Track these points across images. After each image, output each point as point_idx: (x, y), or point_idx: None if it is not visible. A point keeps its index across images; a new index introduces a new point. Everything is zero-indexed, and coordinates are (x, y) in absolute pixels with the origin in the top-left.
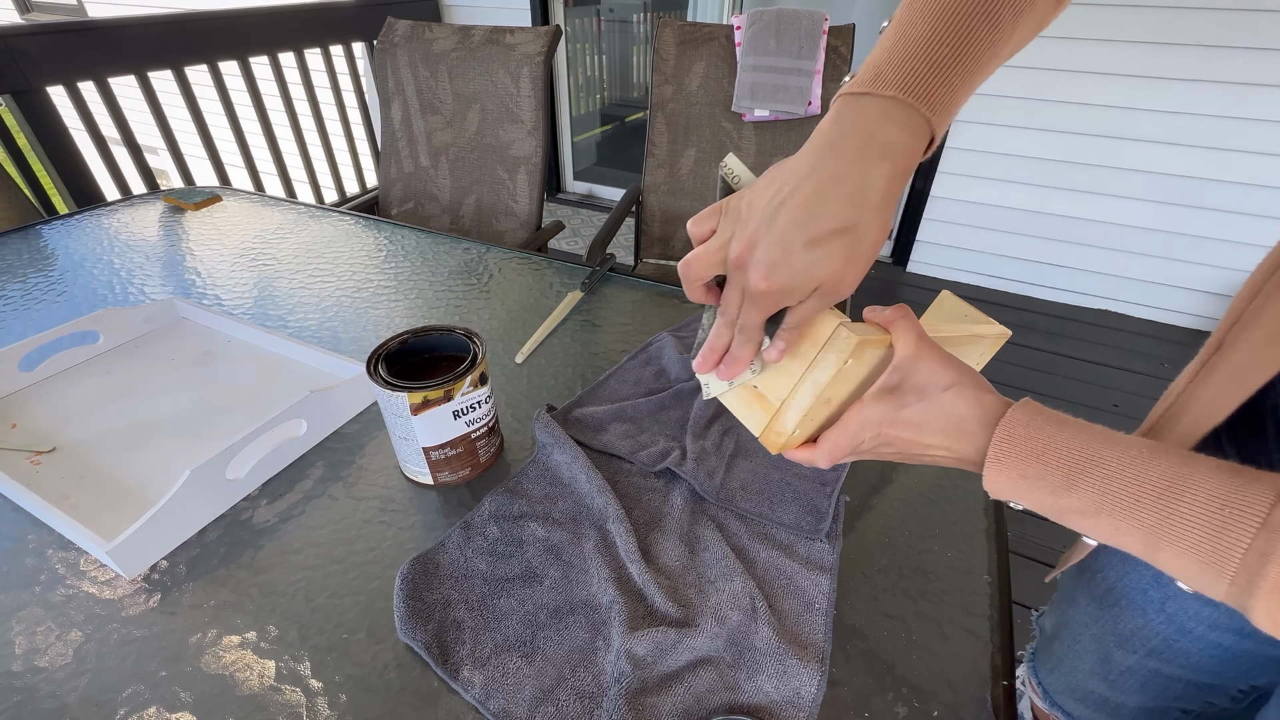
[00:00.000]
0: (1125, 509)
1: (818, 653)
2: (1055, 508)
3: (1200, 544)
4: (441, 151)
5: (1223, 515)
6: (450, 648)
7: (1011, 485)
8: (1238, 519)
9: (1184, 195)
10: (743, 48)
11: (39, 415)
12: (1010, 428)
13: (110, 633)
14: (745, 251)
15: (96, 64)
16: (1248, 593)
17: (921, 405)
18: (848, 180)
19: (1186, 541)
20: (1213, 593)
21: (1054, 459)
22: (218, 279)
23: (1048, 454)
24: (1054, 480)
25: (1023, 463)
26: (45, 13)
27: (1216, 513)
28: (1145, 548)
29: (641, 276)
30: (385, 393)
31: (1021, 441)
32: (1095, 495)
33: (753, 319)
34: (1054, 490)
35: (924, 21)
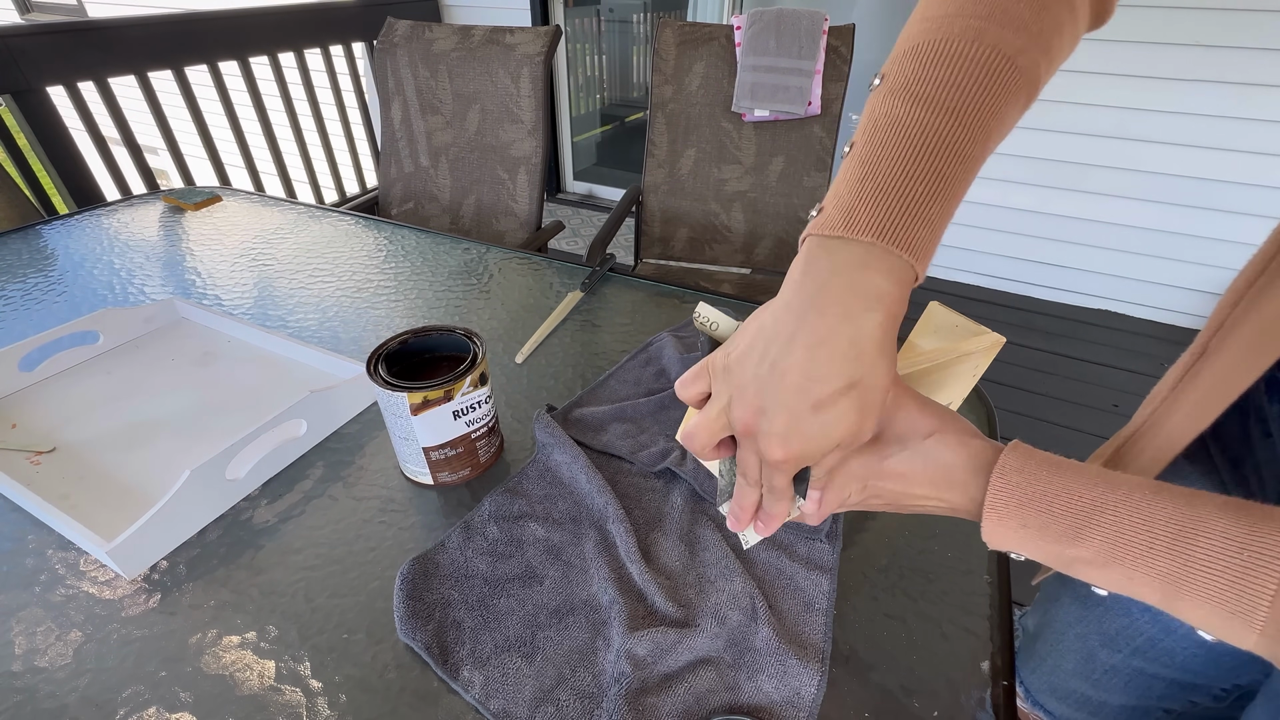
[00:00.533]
0: (1139, 558)
1: (817, 653)
2: (1062, 558)
3: (1223, 593)
4: (441, 151)
5: (1242, 560)
6: (450, 648)
7: (1013, 536)
8: (1259, 564)
9: (1184, 195)
10: (743, 48)
11: (39, 415)
12: (1005, 475)
13: (110, 633)
14: (752, 420)
15: (96, 64)
16: (1278, 641)
17: (904, 454)
18: (839, 338)
19: (1208, 591)
20: (1241, 643)
21: (1057, 507)
22: (218, 279)
23: (1048, 502)
24: (1059, 529)
25: (1023, 511)
26: (45, 13)
27: (1235, 557)
28: (1163, 598)
29: (641, 276)
30: (385, 393)
31: (1018, 489)
32: (1105, 545)
33: (779, 482)
34: (1059, 540)
35: (894, 155)
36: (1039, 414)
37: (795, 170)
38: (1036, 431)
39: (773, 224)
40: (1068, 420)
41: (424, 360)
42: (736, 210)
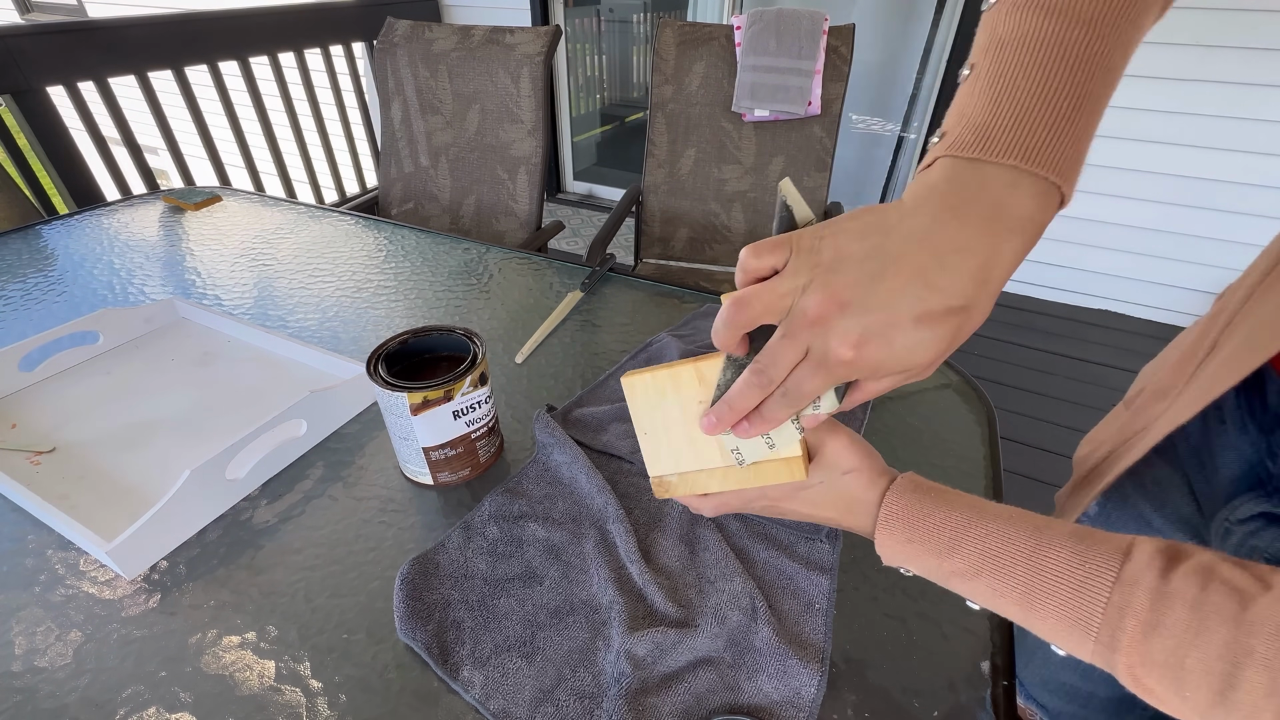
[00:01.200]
0: (999, 570)
1: (817, 653)
2: (940, 570)
3: (1067, 603)
4: (441, 151)
5: (1083, 572)
6: (450, 648)
7: (900, 550)
8: (1094, 578)
9: (1184, 195)
10: (743, 48)
11: (39, 415)
12: (895, 498)
13: (110, 633)
14: (831, 309)
15: (96, 64)
16: (1110, 649)
17: (822, 488)
18: (976, 252)
19: (1055, 601)
20: (1081, 653)
21: (934, 525)
22: (218, 279)
23: (928, 521)
24: (936, 544)
25: (908, 529)
26: (45, 13)
27: (1077, 569)
28: (1022, 610)
29: (641, 276)
30: (385, 393)
31: (904, 509)
32: (975, 557)
33: (813, 385)
34: (938, 554)
35: (1029, 72)
36: (1039, 414)
37: (795, 170)
38: (1037, 431)
39: (773, 224)
40: (1068, 420)
41: (424, 360)
42: (736, 210)
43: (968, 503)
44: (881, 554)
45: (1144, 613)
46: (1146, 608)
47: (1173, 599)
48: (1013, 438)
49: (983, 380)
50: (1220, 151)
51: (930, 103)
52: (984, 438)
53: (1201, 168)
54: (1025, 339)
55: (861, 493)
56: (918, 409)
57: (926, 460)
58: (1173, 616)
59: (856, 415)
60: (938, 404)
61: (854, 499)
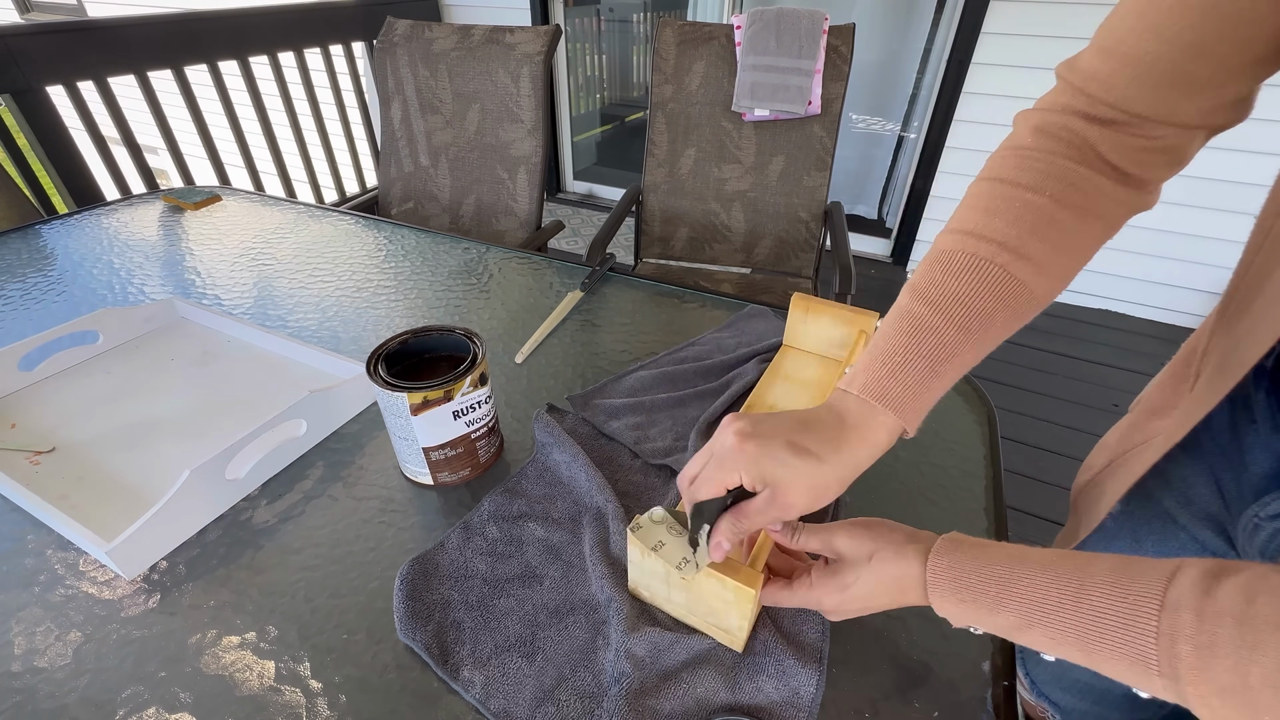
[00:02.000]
0: (1047, 617)
1: (815, 653)
2: (996, 626)
3: (1121, 639)
4: (441, 151)
5: (1128, 605)
6: (450, 648)
7: (956, 611)
8: (1141, 607)
9: (1185, 195)
10: (743, 47)
11: (38, 415)
12: (936, 564)
13: (110, 633)
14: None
15: (96, 64)
16: (1175, 680)
17: (860, 583)
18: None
19: (1111, 641)
20: (1156, 691)
21: (977, 586)
22: (217, 279)
23: (970, 582)
24: (985, 603)
25: (956, 592)
26: (45, 12)
27: (1121, 603)
28: (1083, 655)
29: (641, 276)
30: (385, 393)
31: (947, 572)
32: (1024, 609)
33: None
34: (989, 611)
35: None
36: (1039, 414)
37: (795, 170)
38: (1037, 431)
39: (773, 223)
40: (1068, 420)
41: (424, 360)
42: (736, 210)
43: (1008, 554)
44: (947, 617)
45: (1193, 635)
46: (1195, 629)
47: (1221, 616)
48: (1013, 438)
49: (983, 380)
50: (1221, 151)
51: (930, 102)
52: (984, 438)
53: (1202, 167)
54: (1025, 339)
55: (895, 569)
56: None
57: (926, 460)
58: (1224, 633)
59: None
60: (938, 404)
61: (896, 578)
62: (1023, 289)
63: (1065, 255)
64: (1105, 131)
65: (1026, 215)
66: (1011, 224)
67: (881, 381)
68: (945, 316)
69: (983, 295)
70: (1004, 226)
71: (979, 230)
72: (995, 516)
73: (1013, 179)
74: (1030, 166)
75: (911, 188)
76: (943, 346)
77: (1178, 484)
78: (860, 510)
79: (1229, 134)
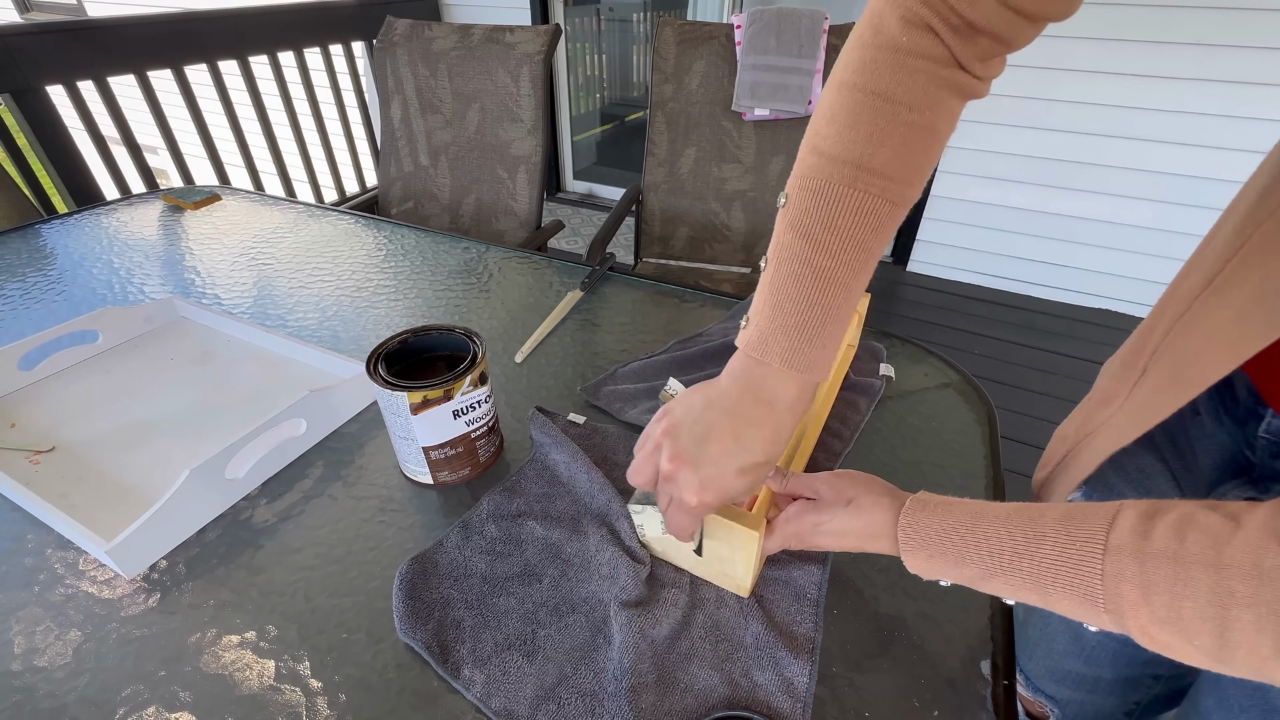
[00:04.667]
0: (1007, 567)
1: (808, 643)
2: (963, 577)
3: (1071, 583)
4: (441, 151)
5: (1076, 551)
6: (450, 647)
7: (925, 566)
8: (1087, 552)
9: (1185, 194)
10: (743, 47)
11: (38, 415)
12: (906, 522)
13: (109, 632)
14: (676, 466)
15: (96, 63)
16: (1120, 615)
17: (838, 519)
18: (766, 425)
19: (1062, 583)
20: (1101, 623)
21: (943, 541)
22: (217, 278)
23: (937, 538)
24: (950, 557)
25: (925, 548)
26: (45, 12)
27: (1070, 549)
28: (1040, 599)
29: (641, 276)
30: (385, 392)
31: (916, 532)
32: (984, 560)
33: (679, 519)
34: (954, 563)
35: (793, 290)
36: (1039, 414)
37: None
38: (1037, 431)
39: (773, 223)
40: None
41: (424, 359)
42: (736, 209)
43: (969, 511)
44: (915, 571)
45: (1135, 576)
46: (1136, 571)
47: (1158, 557)
48: (1013, 437)
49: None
50: (1220, 150)
51: None
52: (984, 437)
53: (1201, 166)
54: (1025, 339)
55: (874, 518)
56: (918, 409)
57: (926, 460)
58: (1160, 573)
59: (847, 432)
60: (938, 404)
61: (869, 524)
62: (900, 213)
63: (921, 161)
64: (963, 43)
65: (910, 139)
66: (896, 152)
67: (803, 352)
68: (840, 262)
69: (869, 233)
70: (891, 157)
71: (838, 153)
72: None
73: (892, 94)
74: (909, 80)
75: None
76: (846, 296)
77: (1135, 475)
78: None
79: (1229, 133)
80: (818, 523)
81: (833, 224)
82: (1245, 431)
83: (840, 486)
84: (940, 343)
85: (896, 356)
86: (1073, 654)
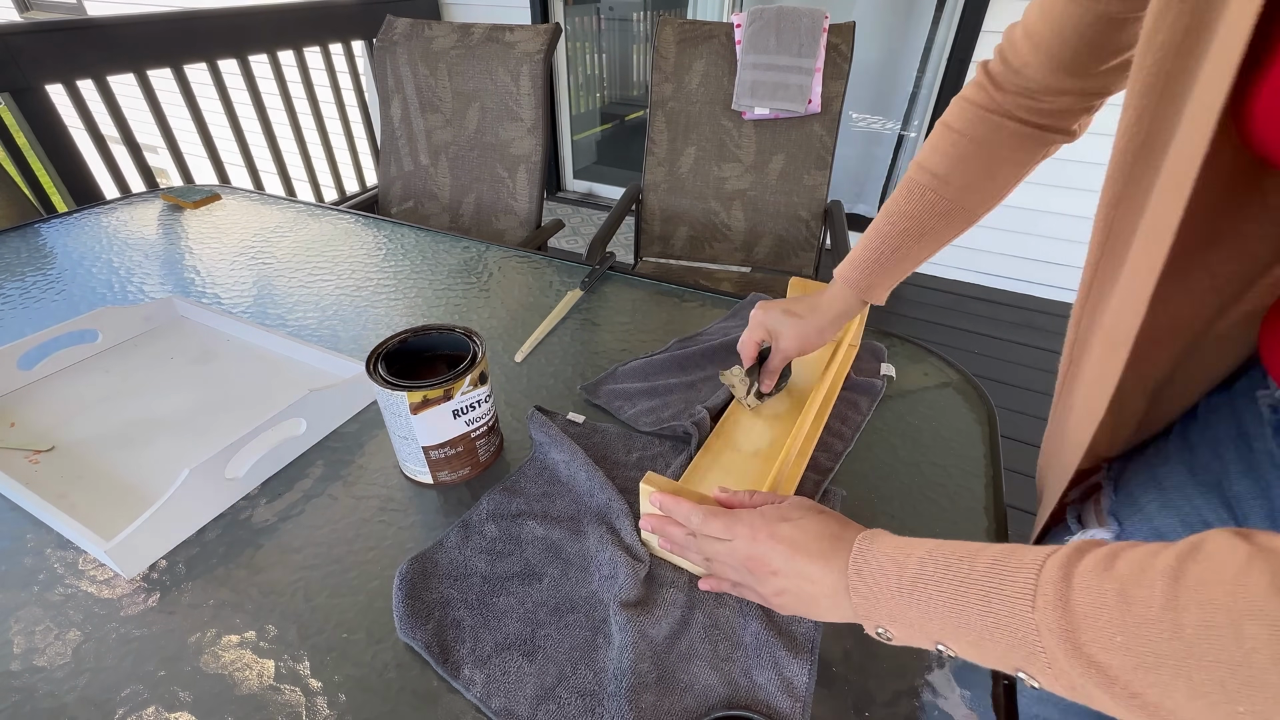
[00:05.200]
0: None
1: (807, 643)
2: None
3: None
4: (441, 150)
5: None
6: (450, 647)
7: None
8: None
9: None
10: (743, 46)
11: (37, 414)
12: (857, 557)
13: (109, 632)
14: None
15: (95, 62)
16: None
17: (799, 521)
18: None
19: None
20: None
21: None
22: (217, 277)
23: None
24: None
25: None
26: (44, 11)
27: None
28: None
29: (642, 275)
30: (385, 392)
31: (865, 565)
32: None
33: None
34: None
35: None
36: (1039, 413)
37: (795, 168)
38: (1036, 431)
39: (772, 222)
40: None
41: (424, 359)
42: (736, 208)
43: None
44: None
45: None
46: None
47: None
48: (1013, 437)
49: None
50: None
51: (930, 101)
52: (984, 437)
53: None
54: (1025, 338)
55: (835, 529)
56: (918, 408)
57: (926, 460)
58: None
59: (848, 432)
60: (938, 403)
61: (831, 534)
62: (948, 205)
63: (982, 179)
64: (1009, 95)
65: (954, 150)
66: (943, 158)
67: (849, 272)
68: (897, 229)
69: (919, 212)
70: (939, 160)
71: (924, 163)
72: (995, 516)
73: (951, 124)
74: (963, 114)
75: None
76: (896, 250)
77: (1192, 521)
78: (860, 508)
79: None
80: (782, 516)
81: (899, 206)
82: None
83: (808, 503)
84: (940, 342)
85: (896, 356)
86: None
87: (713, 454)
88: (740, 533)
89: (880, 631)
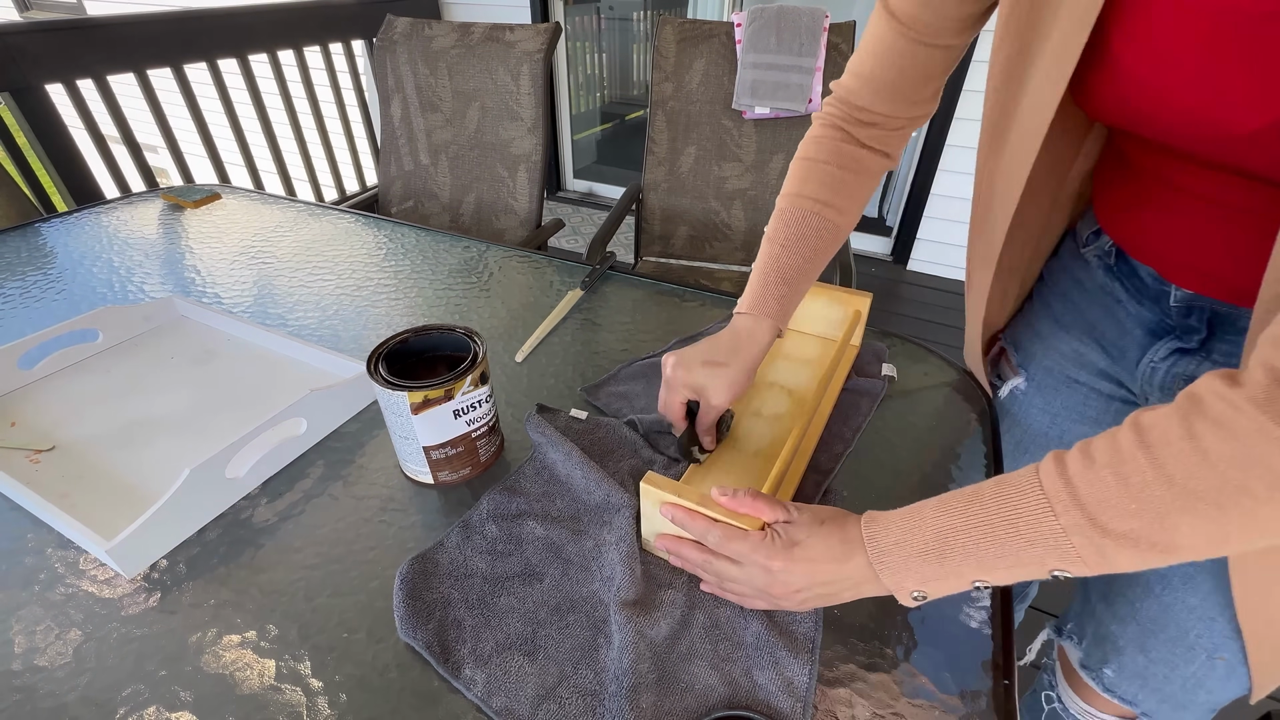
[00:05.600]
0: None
1: (808, 643)
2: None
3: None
4: (441, 149)
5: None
6: (451, 646)
7: (901, 572)
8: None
9: None
10: (743, 45)
11: (38, 413)
12: (871, 543)
13: (110, 632)
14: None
15: (96, 62)
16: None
17: (809, 542)
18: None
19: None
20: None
21: (912, 544)
22: (217, 277)
23: (903, 542)
24: (930, 558)
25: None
26: (44, 10)
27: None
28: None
29: (642, 275)
30: (385, 392)
31: (884, 546)
32: (960, 557)
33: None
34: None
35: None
36: None
37: None
38: None
39: None
40: None
41: (424, 359)
42: (737, 208)
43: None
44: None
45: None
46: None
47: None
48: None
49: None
50: None
51: None
52: (984, 436)
53: None
54: None
55: (845, 533)
56: (917, 407)
57: (927, 459)
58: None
59: (848, 432)
60: (938, 402)
61: (842, 541)
62: (832, 225)
63: (852, 200)
64: (860, 126)
65: (827, 180)
66: (820, 187)
67: (766, 304)
68: (791, 252)
69: (810, 234)
70: (816, 188)
71: (802, 192)
72: None
73: (815, 156)
74: (824, 148)
75: (912, 186)
76: (799, 274)
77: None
78: (861, 508)
79: None
80: (793, 542)
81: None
82: (1160, 305)
83: (813, 511)
84: (940, 342)
85: (897, 355)
86: None
87: (713, 454)
88: (756, 562)
89: (916, 595)
